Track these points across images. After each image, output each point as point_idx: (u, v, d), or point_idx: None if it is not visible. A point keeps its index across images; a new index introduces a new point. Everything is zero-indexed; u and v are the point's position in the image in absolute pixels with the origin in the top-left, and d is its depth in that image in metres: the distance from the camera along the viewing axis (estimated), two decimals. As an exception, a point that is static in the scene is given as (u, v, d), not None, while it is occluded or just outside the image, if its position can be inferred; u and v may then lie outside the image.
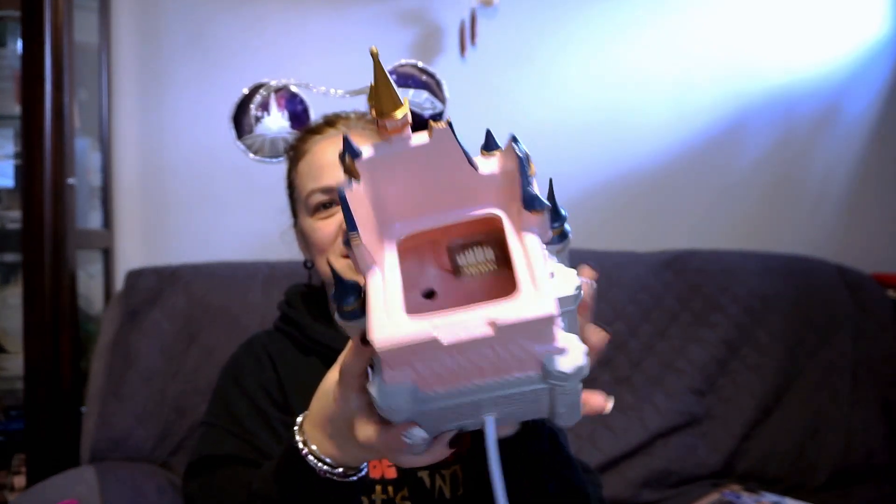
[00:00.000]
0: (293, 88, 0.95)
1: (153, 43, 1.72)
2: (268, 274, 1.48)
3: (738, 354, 1.56)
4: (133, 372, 1.37)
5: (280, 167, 0.99)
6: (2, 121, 1.56)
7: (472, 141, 0.48)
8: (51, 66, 1.35)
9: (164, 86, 1.72)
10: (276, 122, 0.94)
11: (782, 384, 1.55)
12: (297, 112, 0.95)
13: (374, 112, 0.46)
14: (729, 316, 1.58)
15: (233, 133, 0.94)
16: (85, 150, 1.64)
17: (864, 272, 1.71)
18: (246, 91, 0.94)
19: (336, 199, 0.83)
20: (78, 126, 1.54)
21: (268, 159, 0.95)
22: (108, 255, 1.68)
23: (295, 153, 0.91)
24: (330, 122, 0.92)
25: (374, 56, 0.44)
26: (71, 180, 1.41)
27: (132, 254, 1.71)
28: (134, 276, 1.46)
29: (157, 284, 1.44)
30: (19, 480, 1.43)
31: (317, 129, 0.90)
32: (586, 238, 1.70)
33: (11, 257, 1.59)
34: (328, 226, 0.84)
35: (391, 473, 0.80)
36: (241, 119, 0.94)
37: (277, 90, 0.94)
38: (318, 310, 0.93)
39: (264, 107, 0.94)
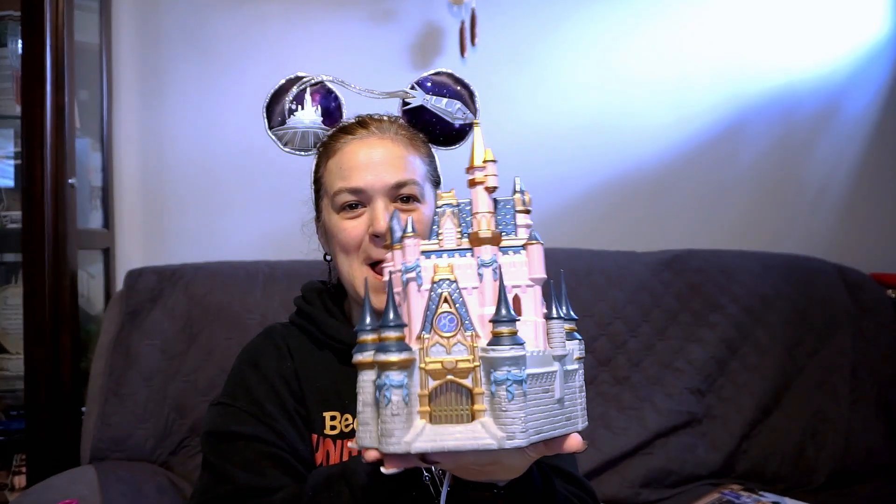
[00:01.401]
0: (329, 84, 0.95)
1: (153, 43, 1.72)
2: (268, 274, 1.48)
3: (738, 354, 1.56)
4: (133, 372, 1.37)
5: (283, 168, 0.99)
6: (2, 121, 1.56)
7: (470, 143, 0.49)
8: (51, 67, 1.35)
9: (164, 86, 1.73)
10: (308, 116, 0.94)
11: (782, 384, 1.55)
12: (331, 109, 0.95)
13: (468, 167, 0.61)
14: (728, 316, 1.58)
15: (264, 122, 0.93)
16: (85, 150, 1.64)
17: (863, 272, 1.71)
18: (283, 81, 0.94)
19: (362, 200, 0.85)
20: (78, 126, 1.54)
21: (297, 152, 0.94)
22: (108, 255, 1.68)
23: (325, 150, 0.92)
24: (363, 123, 0.92)
25: (475, 125, 0.63)
26: (71, 180, 1.41)
27: (132, 254, 1.71)
28: (134, 276, 1.46)
29: (157, 284, 1.44)
30: (20, 480, 1.43)
31: (350, 130, 0.91)
32: (586, 238, 1.70)
33: (12, 257, 1.59)
34: (355, 228, 0.85)
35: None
36: (273, 109, 0.94)
37: (314, 84, 0.94)
38: (333, 306, 0.95)
39: (299, 100, 0.94)
